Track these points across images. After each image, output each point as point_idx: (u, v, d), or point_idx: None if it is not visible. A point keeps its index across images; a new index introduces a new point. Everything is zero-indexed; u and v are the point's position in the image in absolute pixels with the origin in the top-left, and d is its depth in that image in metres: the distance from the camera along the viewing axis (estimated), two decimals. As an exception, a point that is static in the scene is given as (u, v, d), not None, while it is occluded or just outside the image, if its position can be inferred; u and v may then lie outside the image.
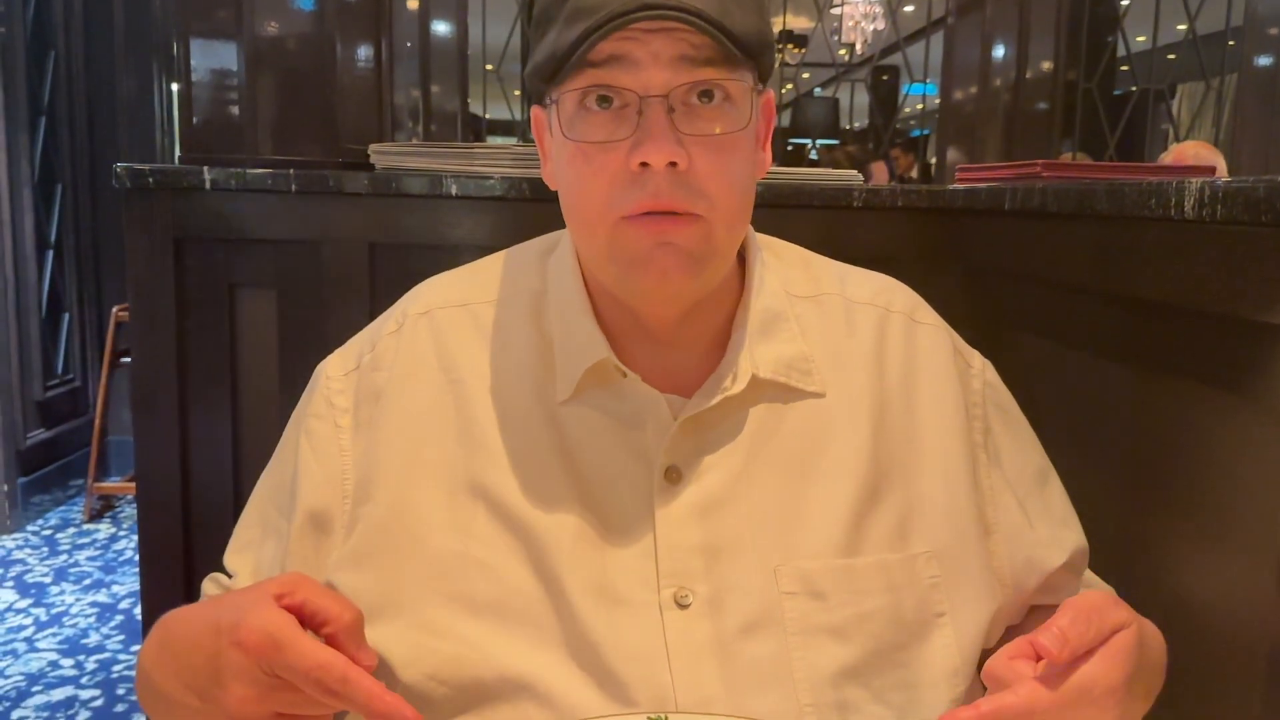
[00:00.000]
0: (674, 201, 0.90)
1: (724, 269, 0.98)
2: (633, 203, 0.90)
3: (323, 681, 0.75)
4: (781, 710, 0.91)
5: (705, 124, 0.90)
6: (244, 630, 0.77)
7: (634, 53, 0.88)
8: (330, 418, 1.04)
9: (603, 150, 0.90)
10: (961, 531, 0.99)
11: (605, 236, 0.93)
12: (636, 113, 0.89)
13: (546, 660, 0.93)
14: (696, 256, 0.92)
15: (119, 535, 4.55)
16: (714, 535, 0.96)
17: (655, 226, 0.91)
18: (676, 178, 0.89)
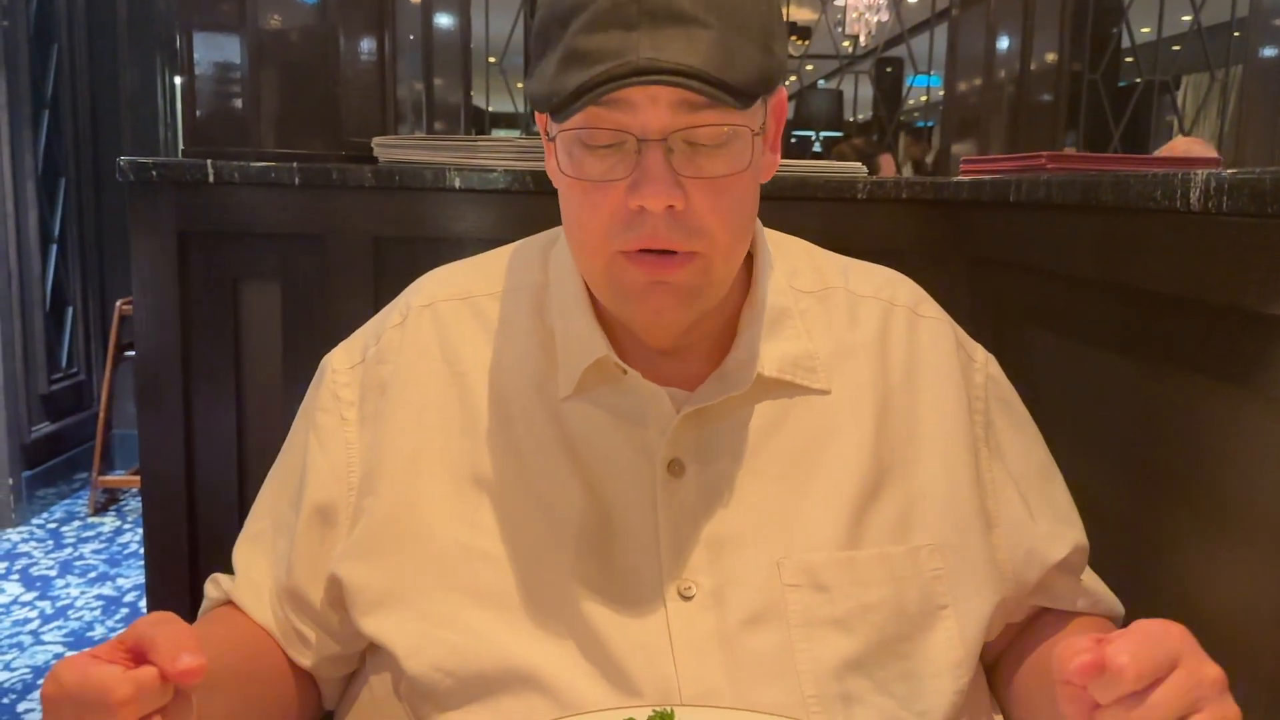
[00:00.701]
0: (671, 242, 0.89)
1: (723, 292, 0.98)
2: (630, 241, 0.90)
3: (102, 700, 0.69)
4: (785, 702, 0.91)
5: (704, 166, 0.88)
6: (43, 685, 0.74)
7: (633, 96, 0.86)
8: (336, 411, 1.05)
9: (600, 189, 0.90)
10: (964, 524, 0.99)
11: (602, 267, 0.93)
12: (635, 152, 0.87)
13: (551, 652, 0.93)
14: (693, 291, 0.93)
15: (124, 529, 4.56)
16: (717, 528, 0.96)
17: (651, 265, 0.91)
18: (674, 218, 0.88)
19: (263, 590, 1.04)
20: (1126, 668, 0.72)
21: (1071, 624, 1.06)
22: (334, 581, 0.99)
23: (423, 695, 0.95)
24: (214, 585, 1.09)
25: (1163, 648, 0.74)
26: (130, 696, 0.69)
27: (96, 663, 0.72)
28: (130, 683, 0.70)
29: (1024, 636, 1.08)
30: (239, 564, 1.07)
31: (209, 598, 1.09)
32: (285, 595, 1.02)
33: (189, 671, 0.71)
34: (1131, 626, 0.76)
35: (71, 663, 0.72)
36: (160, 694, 0.71)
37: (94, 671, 0.71)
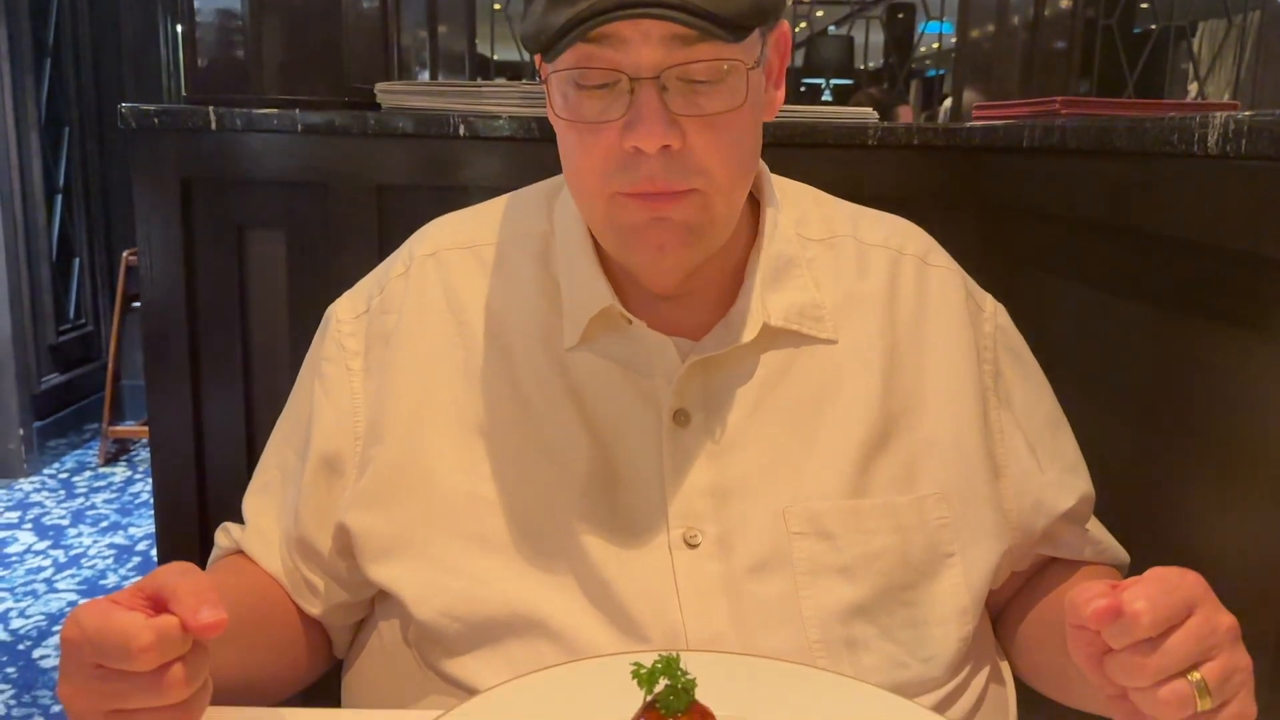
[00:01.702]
0: (670, 182, 0.88)
1: (725, 235, 0.96)
2: (627, 183, 0.89)
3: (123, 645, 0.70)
4: (791, 647, 0.91)
5: (701, 103, 0.86)
6: (63, 629, 0.75)
7: (623, 31, 0.84)
8: (342, 361, 1.04)
9: (594, 130, 0.88)
10: (971, 473, 0.99)
11: (602, 209, 0.92)
12: (628, 92, 0.86)
13: (558, 598, 0.93)
14: (694, 229, 0.91)
15: (134, 479, 4.60)
16: (722, 477, 0.96)
17: (651, 202, 0.89)
18: (671, 158, 0.87)
19: (272, 540, 1.05)
20: (1142, 614, 0.72)
21: (1078, 573, 1.06)
22: (342, 530, 0.99)
23: (431, 641, 0.95)
24: (224, 534, 1.09)
25: (1179, 595, 0.74)
26: (151, 644, 0.70)
27: (118, 609, 0.72)
28: (152, 631, 0.70)
29: (1030, 585, 1.08)
30: (248, 514, 1.07)
31: (219, 546, 1.09)
32: (294, 544, 1.03)
33: (210, 625, 0.71)
34: (1148, 573, 0.76)
35: (93, 608, 0.73)
36: (180, 644, 0.72)
37: (116, 618, 0.71)
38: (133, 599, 0.75)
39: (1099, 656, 0.77)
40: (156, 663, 0.71)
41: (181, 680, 0.72)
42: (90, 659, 0.72)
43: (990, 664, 1.02)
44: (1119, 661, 0.75)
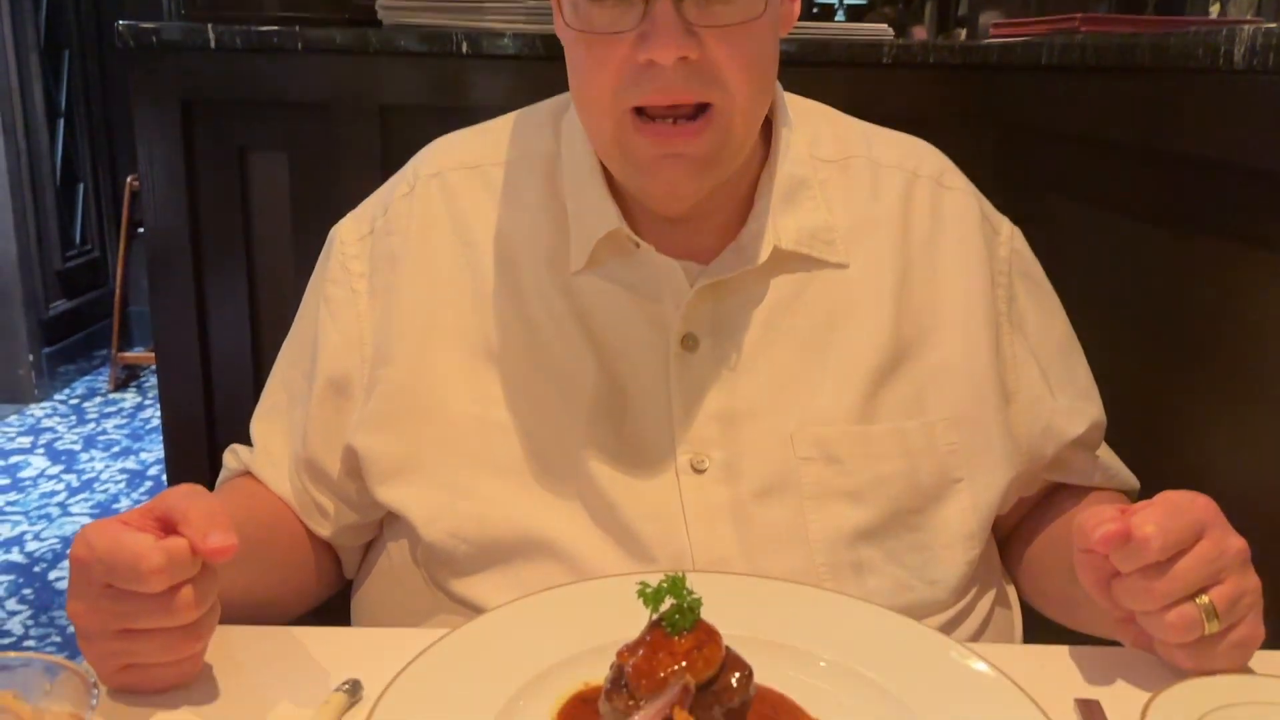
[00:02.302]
0: (687, 93, 0.85)
1: (741, 158, 0.94)
2: (639, 96, 0.86)
3: (133, 566, 0.70)
4: (797, 570, 0.92)
5: (719, 13, 0.83)
6: (72, 547, 0.75)
7: None
8: (347, 283, 1.03)
9: (606, 42, 0.85)
10: (981, 398, 0.98)
11: (611, 131, 0.89)
12: (642, 1, 0.83)
13: (566, 520, 0.93)
14: (708, 160, 0.89)
15: (145, 404, 4.62)
16: (730, 402, 0.95)
17: (663, 136, 0.87)
18: (688, 69, 0.84)
19: (280, 462, 1.05)
20: (1152, 538, 0.72)
21: (1086, 499, 1.05)
22: (350, 452, 0.98)
23: (440, 562, 0.95)
24: (233, 456, 1.09)
25: (1188, 518, 0.73)
26: (161, 566, 0.70)
27: (127, 529, 0.72)
28: (162, 552, 0.70)
29: (1038, 510, 1.08)
30: (256, 437, 1.07)
31: (227, 468, 1.09)
32: (303, 466, 1.02)
33: (220, 549, 0.71)
34: (1158, 497, 0.75)
35: (102, 527, 0.73)
36: (189, 566, 0.72)
37: (126, 538, 0.71)
38: (142, 520, 0.75)
39: (1106, 581, 0.77)
40: (166, 584, 0.71)
41: (191, 602, 0.73)
42: (100, 579, 0.72)
43: (996, 587, 1.02)
44: (1126, 586, 0.75)
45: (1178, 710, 0.71)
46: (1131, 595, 0.75)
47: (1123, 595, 0.76)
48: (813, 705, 0.75)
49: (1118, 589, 0.76)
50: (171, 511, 0.74)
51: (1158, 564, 0.73)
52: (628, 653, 0.70)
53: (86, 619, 0.74)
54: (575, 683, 0.76)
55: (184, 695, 0.77)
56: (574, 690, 0.76)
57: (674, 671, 0.67)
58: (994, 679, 0.75)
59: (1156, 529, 0.72)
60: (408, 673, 0.74)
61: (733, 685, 0.69)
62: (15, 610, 2.96)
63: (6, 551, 3.27)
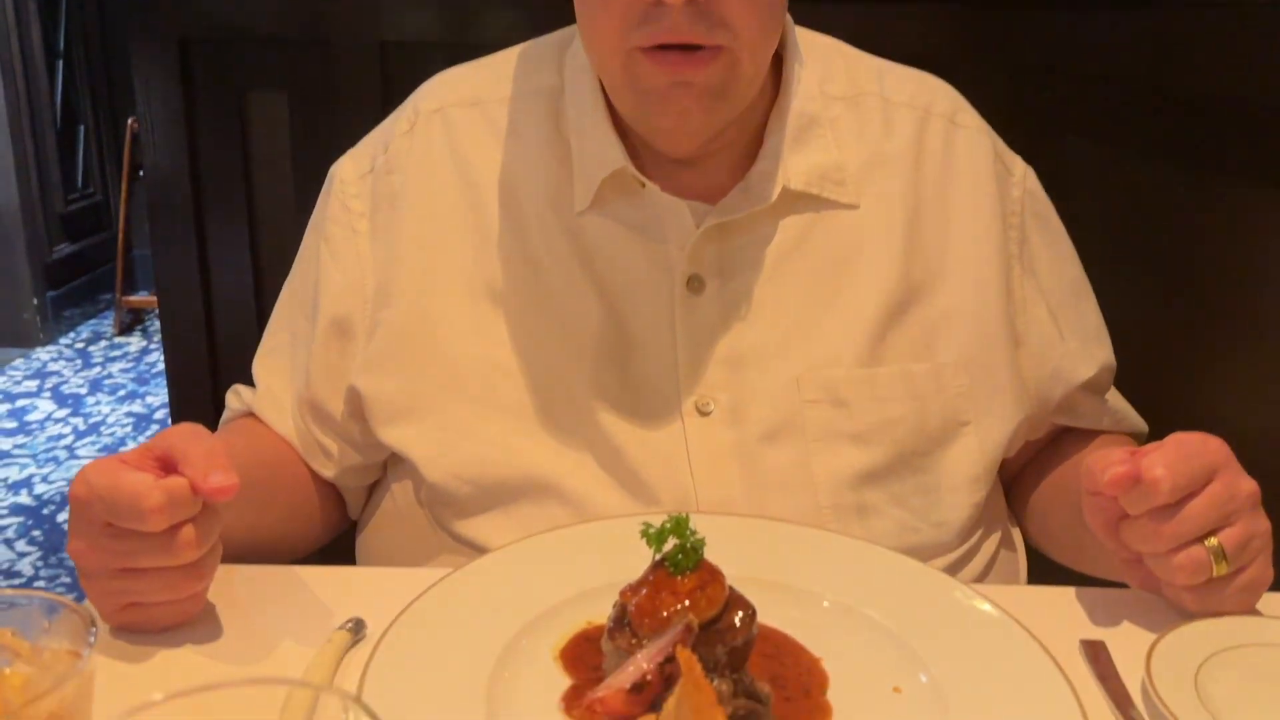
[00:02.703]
0: (694, 34, 0.83)
1: (750, 95, 0.91)
2: (646, 36, 0.83)
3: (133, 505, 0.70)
4: (801, 512, 0.91)
5: None
6: (71, 485, 0.74)
7: None
8: (347, 222, 1.01)
9: None
10: (990, 341, 0.97)
11: (619, 67, 0.87)
12: None
13: (570, 462, 0.93)
14: (718, 92, 0.87)
15: (150, 348, 4.62)
16: (736, 345, 0.94)
17: (673, 64, 0.84)
18: (695, 10, 0.82)
19: (283, 403, 1.04)
20: (1161, 480, 0.71)
21: (1094, 442, 1.04)
22: (353, 393, 0.98)
23: (444, 503, 0.95)
24: (235, 396, 1.08)
25: (1200, 460, 0.72)
26: (161, 505, 0.69)
27: (127, 468, 0.72)
28: (162, 492, 0.70)
29: (1045, 454, 1.07)
30: (259, 377, 1.06)
31: (230, 408, 1.09)
32: (306, 407, 1.02)
33: (221, 489, 0.71)
34: (1169, 438, 0.74)
35: (102, 466, 0.72)
36: (190, 506, 0.72)
37: (125, 477, 0.71)
38: (142, 459, 0.74)
39: (1115, 523, 0.76)
40: (166, 524, 0.71)
41: (192, 542, 0.72)
42: (100, 517, 0.72)
43: (1001, 530, 1.02)
44: (1135, 528, 0.74)
45: (1184, 652, 0.71)
46: (1139, 537, 0.75)
47: (1130, 537, 0.75)
48: (816, 645, 0.75)
49: (1125, 531, 0.76)
50: (172, 451, 0.74)
51: (1167, 506, 0.72)
52: (630, 592, 0.70)
53: (87, 558, 0.74)
54: (578, 622, 0.76)
55: (187, 634, 0.77)
56: (577, 629, 0.76)
57: (677, 611, 0.67)
58: (999, 619, 0.74)
59: (1166, 470, 0.71)
60: (410, 611, 0.74)
61: (736, 625, 0.69)
62: (25, 551, 2.99)
63: (15, 494, 3.29)
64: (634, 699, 0.59)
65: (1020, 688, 0.68)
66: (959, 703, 0.67)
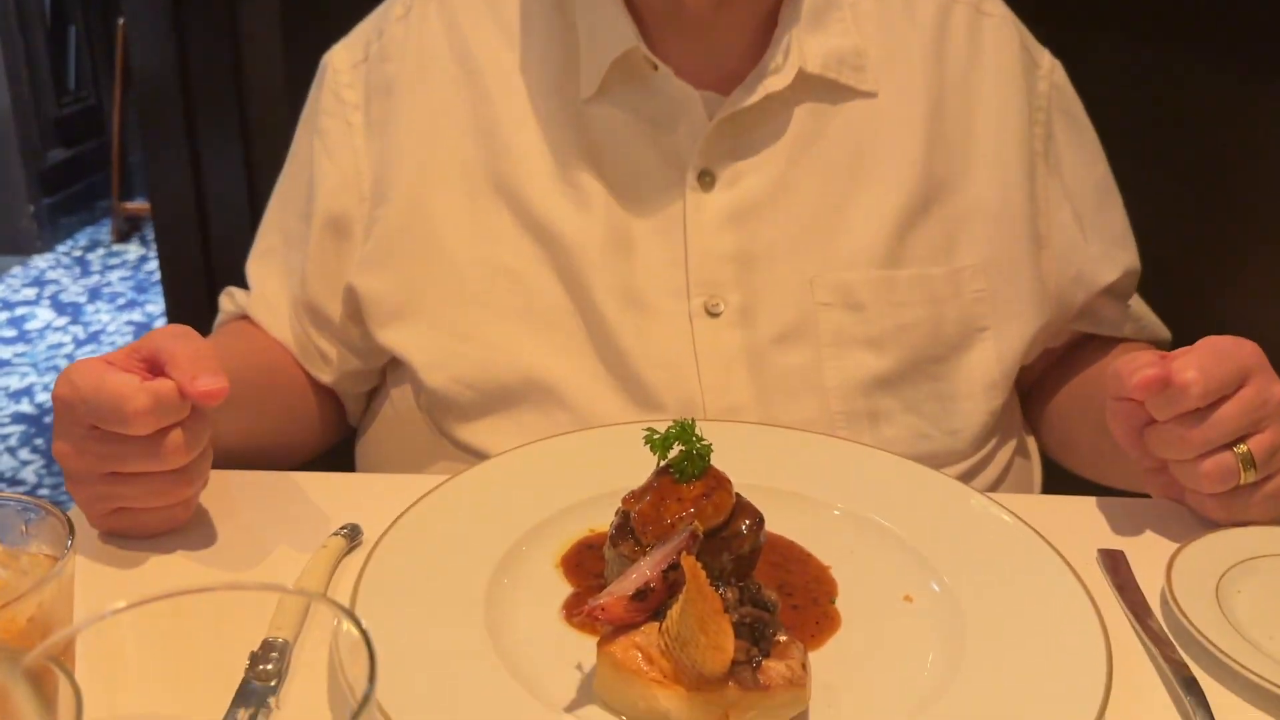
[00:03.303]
0: None
1: None
2: None
3: (117, 407, 0.67)
4: (812, 418, 0.89)
5: None
6: (55, 386, 0.72)
7: None
8: (341, 115, 0.97)
9: None
10: (1012, 243, 0.93)
11: None
12: None
13: (573, 366, 0.90)
14: None
15: (149, 256, 4.57)
16: (748, 243, 0.90)
17: None
18: None
19: (279, 306, 1.01)
20: (1193, 383, 0.68)
21: (1114, 350, 1.01)
22: (350, 293, 0.95)
23: (443, 408, 0.93)
24: (228, 299, 1.05)
25: (1232, 364, 0.69)
26: (146, 408, 0.67)
27: (112, 370, 0.69)
28: (147, 395, 0.67)
29: (1063, 361, 1.04)
30: (253, 279, 1.03)
31: (223, 311, 1.06)
32: (303, 310, 0.99)
33: (210, 393, 0.68)
34: (1200, 342, 0.71)
35: (86, 367, 0.70)
36: (177, 409, 0.69)
37: (110, 379, 0.68)
38: (128, 360, 0.71)
39: (1139, 429, 0.74)
40: (153, 427, 0.68)
41: (181, 446, 0.70)
42: (84, 419, 0.69)
43: (1017, 438, 0.99)
44: (1162, 433, 0.72)
45: (1205, 562, 0.69)
46: (1166, 443, 0.72)
47: (1156, 443, 0.73)
48: (825, 553, 0.73)
49: (1151, 437, 0.73)
50: (159, 352, 0.71)
51: (1196, 411, 0.69)
52: (633, 499, 0.68)
53: (73, 461, 0.71)
54: (580, 529, 0.74)
55: (179, 539, 0.76)
56: (579, 537, 0.74)
57: (681, 518, 0.65)
58: (1014, 527, 0.72)
59: (1199, 374, 0.68)
60: (407, 517, 0.72)
61: (742, 532, 0.67)
62: (28, 460, 3.00)
63: (17, 403, 3.29)
64: (636, 606, 0.57)
65: (1036, 597, 0.66)
66: (973, 611, 0.65)
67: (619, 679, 0.57)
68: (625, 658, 0.57)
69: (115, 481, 0.71)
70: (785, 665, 0.56)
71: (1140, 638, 0.66)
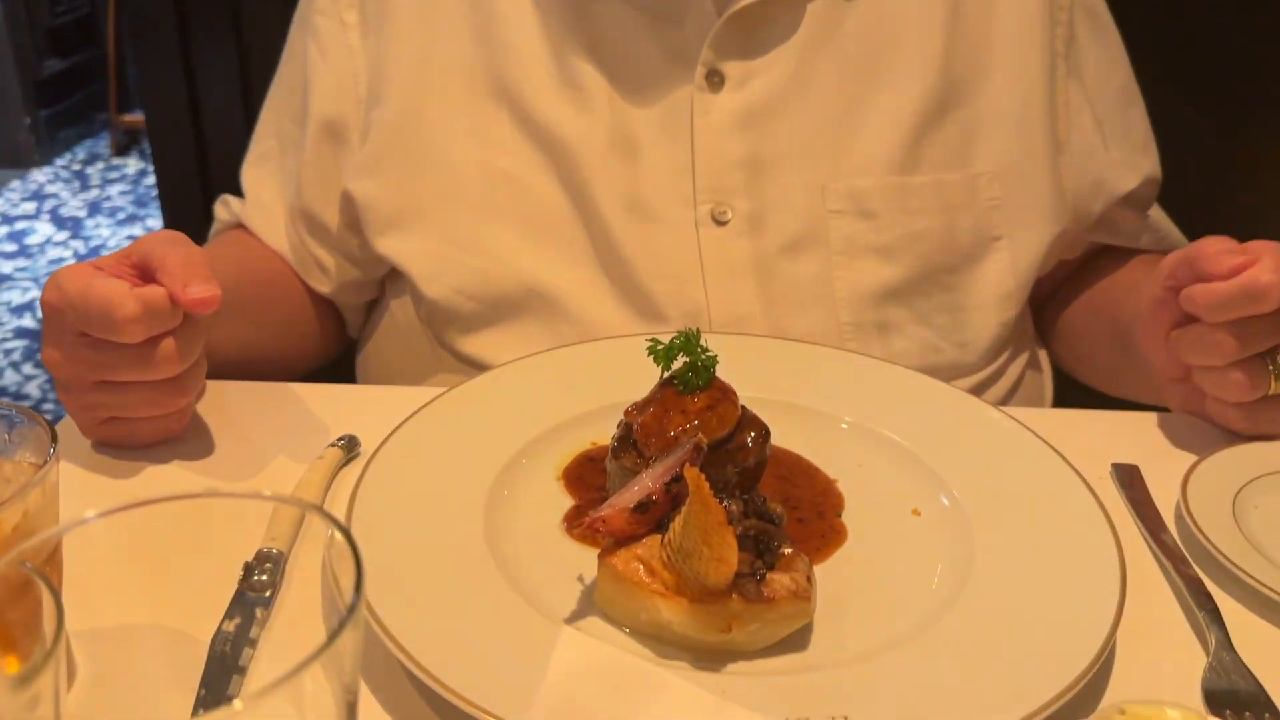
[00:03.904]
0: None
1: None
2: None
3: (106, 314, 0.65)
4: (820, 329, 0.87)
5: None
6: (43, 291, 0.69)
7: None
8: (335, 13, 0.94)
9: None
10: (1030, 149, 0.90)
11: None
12: None
13: (576, 275, 0.88)
14: None
15: (148, 170, 4.52)
16: (758, 147, 0.87)
17: None
18: None
19: (274, 214, 0.98)
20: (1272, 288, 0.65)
21: (1131, 262, 0.98)
22: (347, 200, 0.92)
23: (444, 319, 0.91)
24: (223, 207, 1.03)
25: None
26: (136, 315, 0.65)
27: (101, 275, 0.67)
28: (137, 301, 0.65)
29: (1079, 273, 1.01)
30: (248, 186, 1.01)
31: (218, 219, 1.03)
32: (299, 218, 0.96)
33: (202, 301, 0.66)
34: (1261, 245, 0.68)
35: (74, 272, 0.68)
36: (169, 317, 0.67)
37: (98, 284, 0.66)
38: (118, 266, 0.70)
39: (1167, 333, 0.72)
40: (143, 335, 0.66)
41: (173, 355, 0.68)
42: (73, 326, 0.67)
43: (1029, 352, 0.97)
44: (1197, 337, 0.70)
45: (1222, 476, 0.68)
46: (1200, 348, 0.70)
47: (1188, 347, 0.71)
48: (831, 467, 0.71)
49: (1183, 341, 0.71)
50: (150, 258, 0.69)
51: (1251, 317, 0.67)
52: (636, 411, 0.66)
53: (63, 368, 0.70)
54: (581, 442, 0.73)
55: (176, 449, 0.75)
56: (580, 449, 0.72)
57: (685, 431, 0.63)
58: (1027, 440, 0.71)
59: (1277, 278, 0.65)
60: (405, 428, 0.70)
61: (748, 445, 0.65)
62: (32, 374, 3.00)
63: (19, 317, 3.28)
64: (638, 519, 0.56)
65: (1048, 511, 0.64)
66: (983, 526, 0.64)
67: (620, 591, 0.56)
68: (626, 570, 0.55)
69: (106, 390, 0.70)
70: (790, 578, 0.55)
71: (1154, 553, 0.65)
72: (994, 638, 0.55)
